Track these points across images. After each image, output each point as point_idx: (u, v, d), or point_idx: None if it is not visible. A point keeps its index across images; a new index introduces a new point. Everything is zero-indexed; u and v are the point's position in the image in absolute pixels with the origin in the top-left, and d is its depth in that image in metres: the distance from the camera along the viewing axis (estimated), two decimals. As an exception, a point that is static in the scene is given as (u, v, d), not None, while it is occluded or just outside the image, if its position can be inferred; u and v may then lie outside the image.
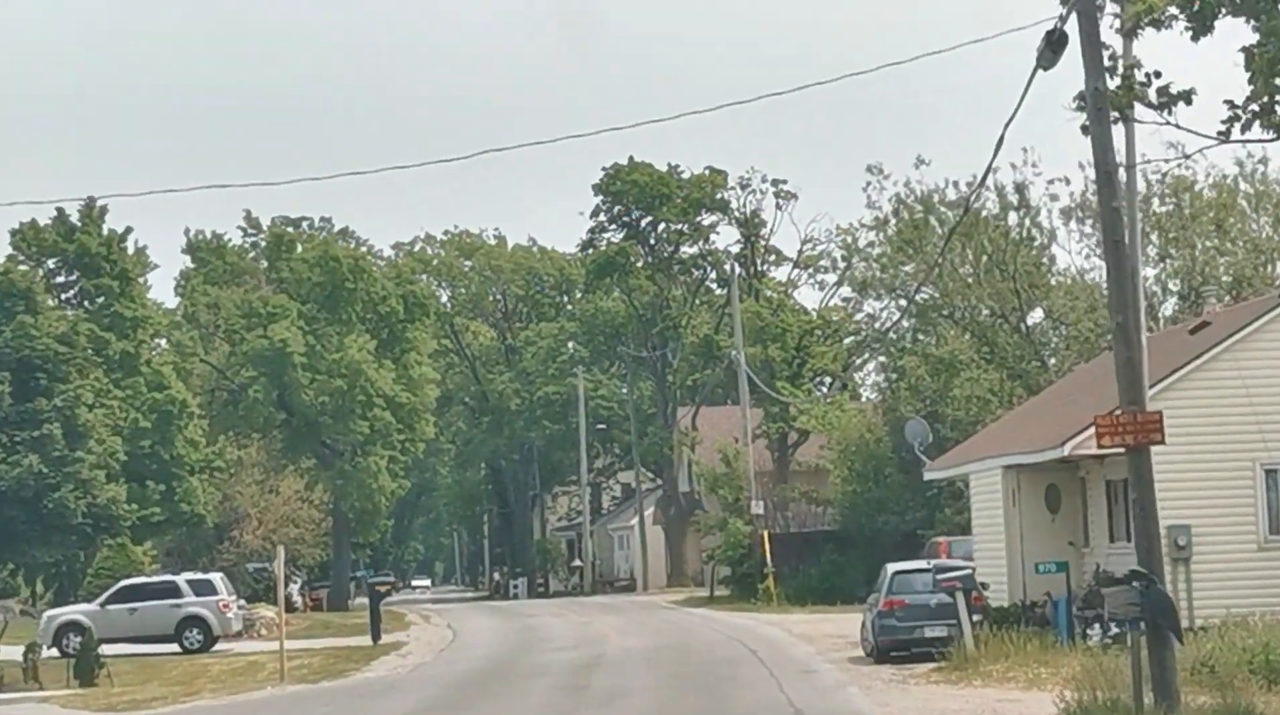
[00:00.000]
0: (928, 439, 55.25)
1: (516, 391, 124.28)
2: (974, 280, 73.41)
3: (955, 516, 68.21)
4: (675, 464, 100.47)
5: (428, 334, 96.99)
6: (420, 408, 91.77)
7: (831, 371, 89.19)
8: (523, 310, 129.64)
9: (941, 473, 49.21)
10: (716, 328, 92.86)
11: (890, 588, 40.21)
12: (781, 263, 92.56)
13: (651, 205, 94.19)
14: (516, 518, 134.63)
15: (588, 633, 57.19)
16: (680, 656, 44.77)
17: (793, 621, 57.98)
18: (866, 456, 71.87)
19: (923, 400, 70.82)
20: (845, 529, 72.57)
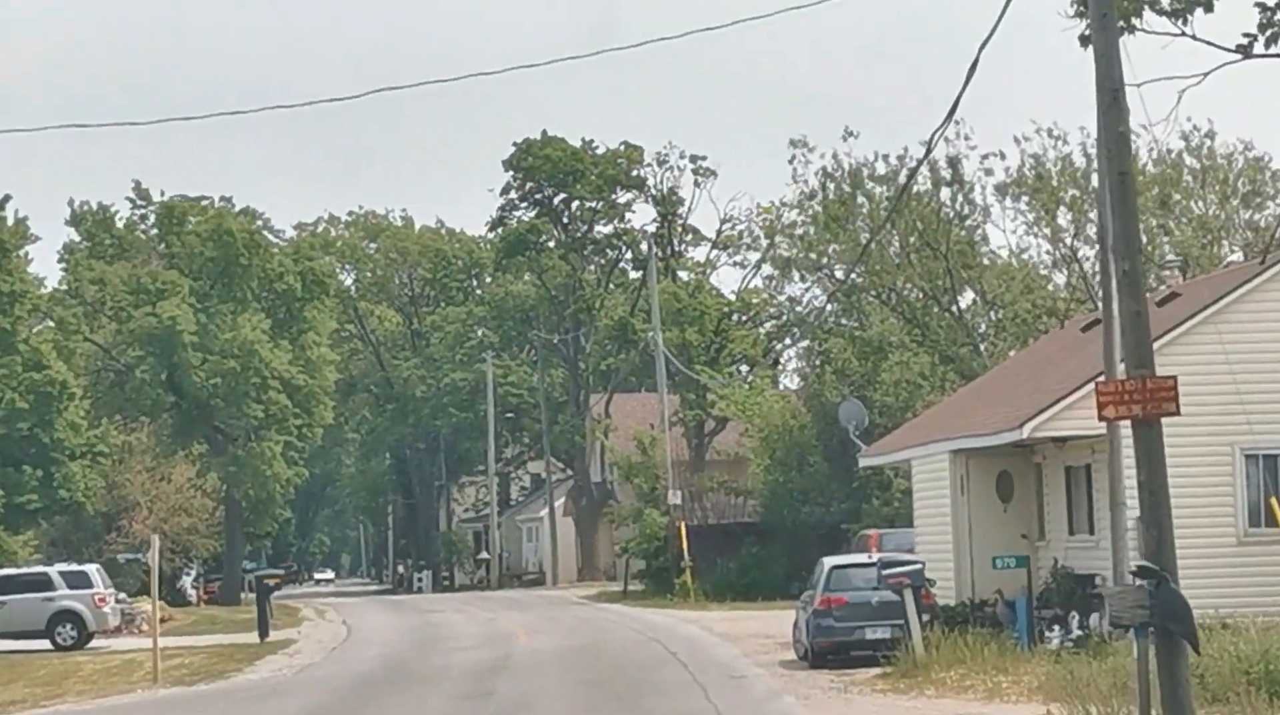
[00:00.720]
0: (864, 421, 51.15)
1: (422, 378, 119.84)
2: (903, 259, 69.73)
3: (883, 508, 64.60)
4: (587, 453, 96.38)
5: (327, 314, 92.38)
6: (318, 391, 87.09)
7: (751, 356, 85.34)
8: (430, 294, 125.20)
9: (879, 459, 45.32)
10: (632, 310, 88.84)
11: (828, 584, 36.27)
12: (700, 243, 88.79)
13: (564, 182, 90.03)
14: (422, 509, 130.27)
15: (493, 631, 53.08)
16: (594, 659, 40.72)
17: (712, 619, 54.04)
18: (789, 444, 68.00)
19: (850, 385, 67.05)
20: (766, 521, 68.70)
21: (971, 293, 69.82)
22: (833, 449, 68.04)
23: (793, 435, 67.88)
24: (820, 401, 67.65)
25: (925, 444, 40.31)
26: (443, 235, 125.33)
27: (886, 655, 33.20)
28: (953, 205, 69.17)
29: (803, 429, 68.14)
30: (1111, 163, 20.35)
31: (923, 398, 64.57)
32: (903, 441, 43.39)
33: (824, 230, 70.30)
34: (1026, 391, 38.27)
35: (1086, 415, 34.58)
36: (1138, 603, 20.16)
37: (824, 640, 35.79)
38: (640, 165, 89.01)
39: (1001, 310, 66.27)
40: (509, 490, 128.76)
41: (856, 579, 36.37)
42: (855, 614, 35.64)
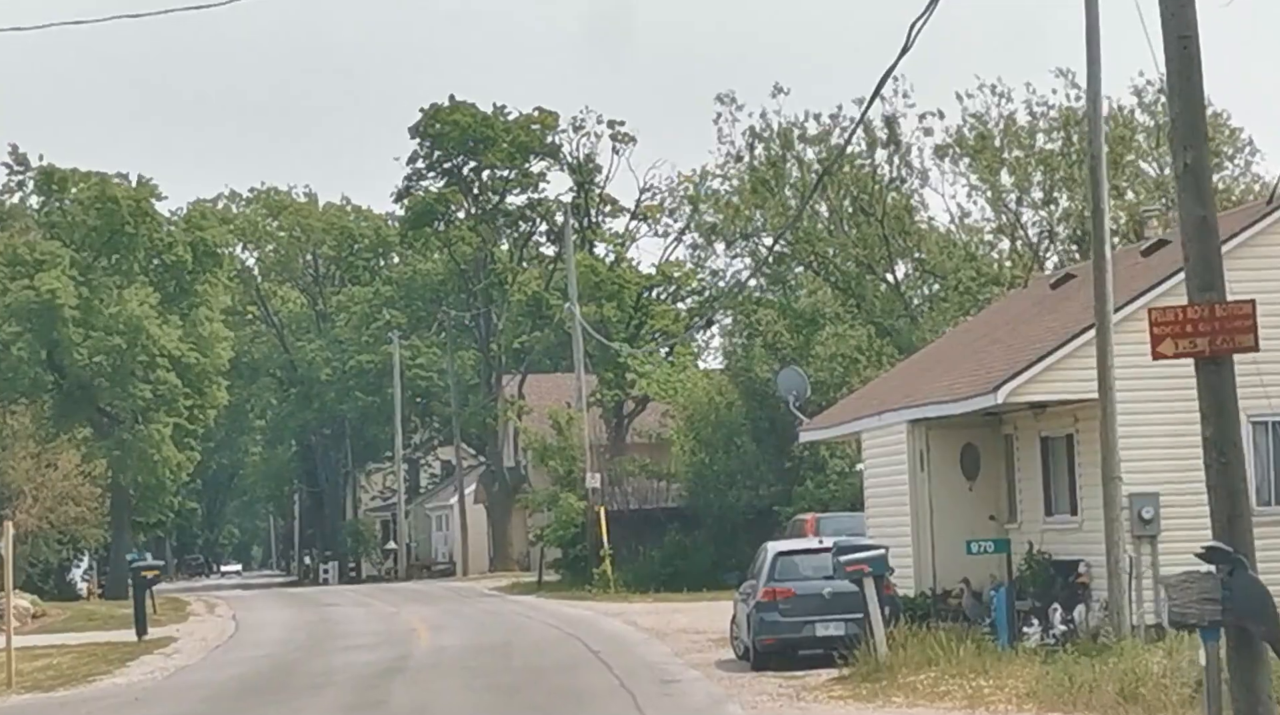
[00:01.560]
0: (805, 391, 46.11)
1: (327, 361, 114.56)
2: (835, 227, 65.25)
3: (818, 491, 60.21)
4: (500, 436, 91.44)
5: (220, 288, 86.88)
6: (211, 370, 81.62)
7: (673, 332, 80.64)
8: (335, 273, 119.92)
9: (821, 433, 40.60)
10: (547, 285, 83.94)
11: (772, 573, 31.59)
12: (618, 214, 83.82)
13: (474, 150, 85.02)
14: (328, 498, 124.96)
15: (394, 627, 48.18)
16: (505, 660, 35.91)
17: (636, 612, 49.33)
18: (716, 424, 63.35)
19: (780, 359, 62.47)
20: (691, 506, 64.06)
21: (908, 262, 65.37)
22: (762, 428, 63.54)
23: (719, 414, 63.25)
24: (749, 377, 63.10)
25: (879, 414, 35.68)
26: (348, 212, 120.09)
27: (843, 655, 28.56)
28: (890, 168, 64.76)
29: (730, 407, 63.54)
30: (1169, 25, 15.71)
31: (859, 373, 60.16)
32: (851, 412, 38.75)
33: (752, 195, 65.67)
34: (996, 354, 33.71)
35: (1072, 377, 30.08)
36: (1207, 595, 15.57)
37: (768, 638, 31.14)
38: (555, 131, 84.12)
39: (942, 279, 61.83)
40: (419, 478, 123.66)
41: (805, 567, 31.74)
42: (804, 607, 31.04)
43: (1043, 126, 62.86)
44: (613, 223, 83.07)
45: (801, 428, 42.34)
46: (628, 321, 78.60)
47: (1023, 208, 63.59)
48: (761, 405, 63.18)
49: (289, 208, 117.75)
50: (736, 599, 33.84)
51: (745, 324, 64.22)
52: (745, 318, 64.27)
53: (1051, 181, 62.21)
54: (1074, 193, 60.55)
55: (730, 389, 63.72)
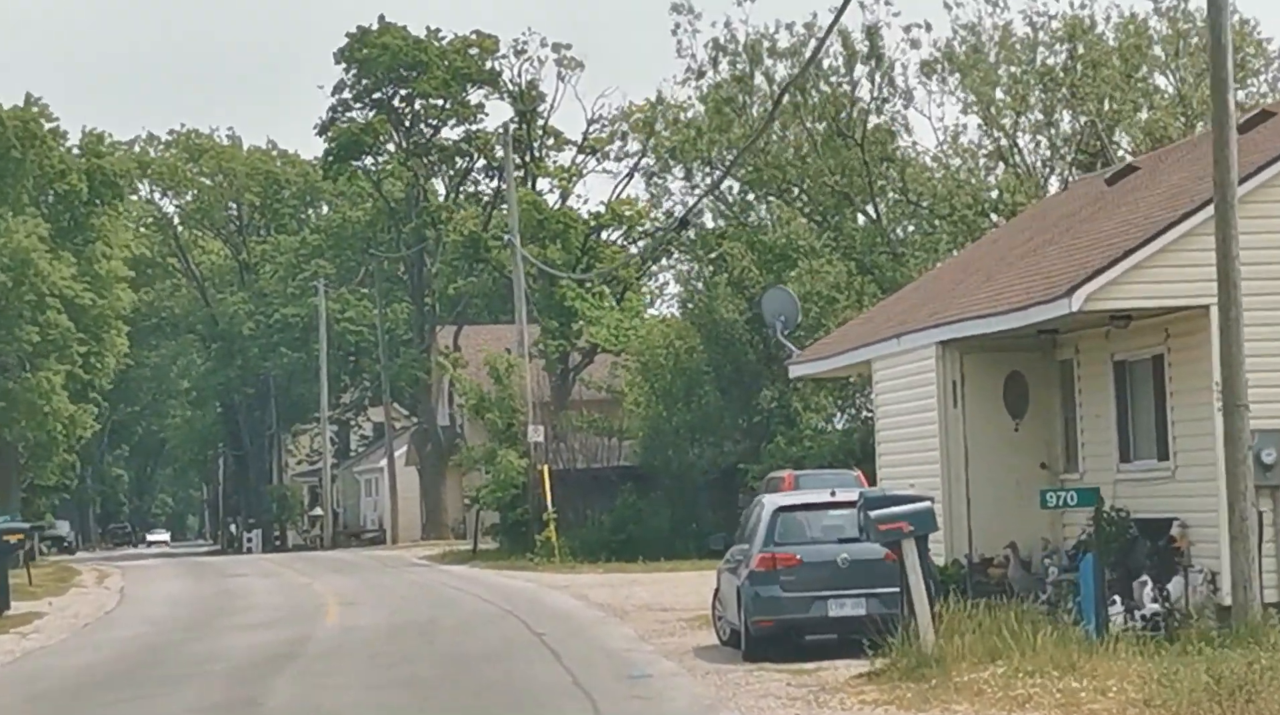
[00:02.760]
0: (795, 315, 38.18)
1: (250, 314, 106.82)
2: (810, 150, 57.99)
3: (789, 448, 53.07)
4: (433, 392, 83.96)
5: (122, 224, 78.79)
6: (110, 314, 73.59)
7: (624, 278, 73.32)
8: (259, 222, 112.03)
9: (818, 365, 33.19)
10: (486, 225, 76.39)
11: (771, 535, 24.36)
12: (563, 147, 76.20)
13: (405, 78, 77.43)
14: (252, 461, 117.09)
15: (301, 601, 40.78)
16: (426, 644, 28.60)
17: (586, 585, 42.10)
18: (675, 372, 56.08)
19: (748, 299, 55.26)
20: (646, 465, 56.79)
21: (891, 191, 58.14)
22: (727, 377, 56.40)
23: (678, 360, 55.96)
24: (712, 320, 55.81)
25: (898, 336, 28.42)
26: (274, 157, 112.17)
27: (873, 643, 21.38)
28: (871, 86, 57.57)
29: (690, 353, 56.25)
30: None
31: (836, 314, 53.04)
32: (856, 338, 31.43)
33: (715, 116, 58.32)
34: (1053, 256, 26.46)
35: (1168, 278, 22.98)
36: None
37: (766, 619, 23.95)
38: (494, 56, 76.45)
39: (930, 208, 54.66)
40: (349, 440, 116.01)
41: (814, 527, 24.55)
42: (813, 579, 23.90)
43: (1043, 39, 55.73)
44: (558, 157, 75.66)
45: (792, 360, 34.94)
46: (574, 265, 71.15)
47: (1020, 130, 56.52)
48: (726, 352, 56.04)
49: (210, 151, 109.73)
50: (721, 569, 26.60)
51: (707, 259, 56.83)
52: (707, 252, 56.88)
53: (1053, 100, 55.10)
54: (1079, 110, 53.51)
55: (690, 333, 56.42)
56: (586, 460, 58.39)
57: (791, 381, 55.27)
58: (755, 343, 55.63)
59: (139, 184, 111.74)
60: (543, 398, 62.74)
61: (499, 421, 56.82)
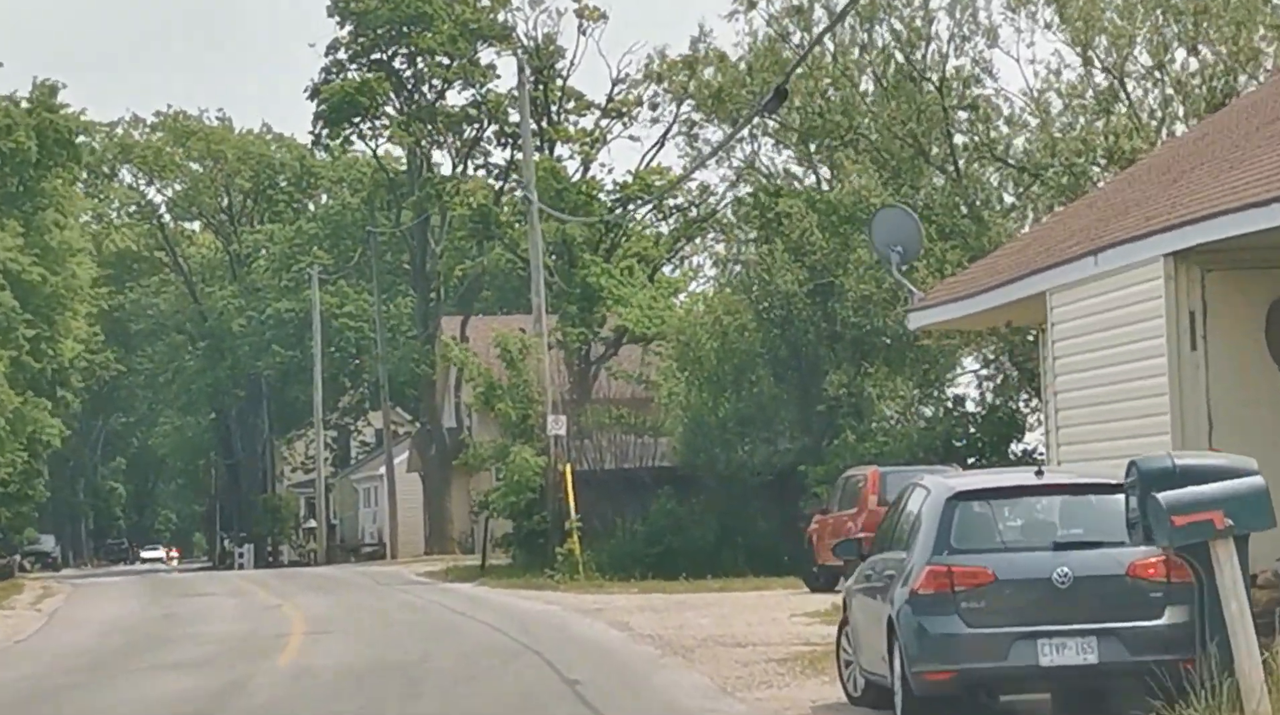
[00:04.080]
0: (917, 245, 28.23)
1: (240, 309, 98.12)
2: (879, 96, 49.28)
3: (859, 445, 44.31)
4: (438, 391, 75.03)
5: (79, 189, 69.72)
6: (64, 292, 64.58)
7: (653, 257, 64.58)
8: (251, 210, 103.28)
9: (953, 309, 23.91)
10: (498, 198, 67.51)
11: (946, 535, 15.40)
12: (585, 111, 67.25)
13: (407, 35, 68.63)
14: (244, 470, 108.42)
15: (260, 629, 31.84)
16: (407, 699, 19.67)
17: (624, 608, 33.20)
18: (722, 355, 47.09)
19: (808, 267, 46.40)
20: (687, 465, 47.75)
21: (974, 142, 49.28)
22: (784, 362, 47.42)
23: (727, 341, 46.94)
24: (767, 292, 46.87)
25: (1093, 254, 19.50)
26: (268, 141, 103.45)
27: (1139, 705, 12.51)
28: (951, 22, 48.91)
29: (741, 333, 47.28)
30: None
31: (916, 282, 44.18)
32: (1014, 266, 22.42)
33: (766, 54, 49.56)
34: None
35: None
36: None
37: (939, 668, 15.12)
38: (508, 8, 67.62)
39: (1036, 156, 45.83)
40: (349, 447, 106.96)
41: (1013, 524, 15.61)
42: (1014, 607, 15.10)
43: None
44: (579, 122, 66.64)
45: (913, 306, 25.72)
46: (597, 243, 62.34)
47: (1130, 70, 47.70)
48: (784, 331, 47.12)
49: (198, 133, 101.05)
50: (852, 590, 17.71)
51: (762, 220, 47.76)
52: (762, 212, 47.80)
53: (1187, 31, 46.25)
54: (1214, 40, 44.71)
55: (741, 308, 47.38)
56: (616, 460, 49.41)
57: (861, 366, 46.60)
58: (817, 319, 46.76)
59: (121, 170, 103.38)
60: (563, 390, 53.74)
61: (512, 413, 47.82)
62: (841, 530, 36.93)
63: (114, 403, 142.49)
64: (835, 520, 37.60)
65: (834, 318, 46.42)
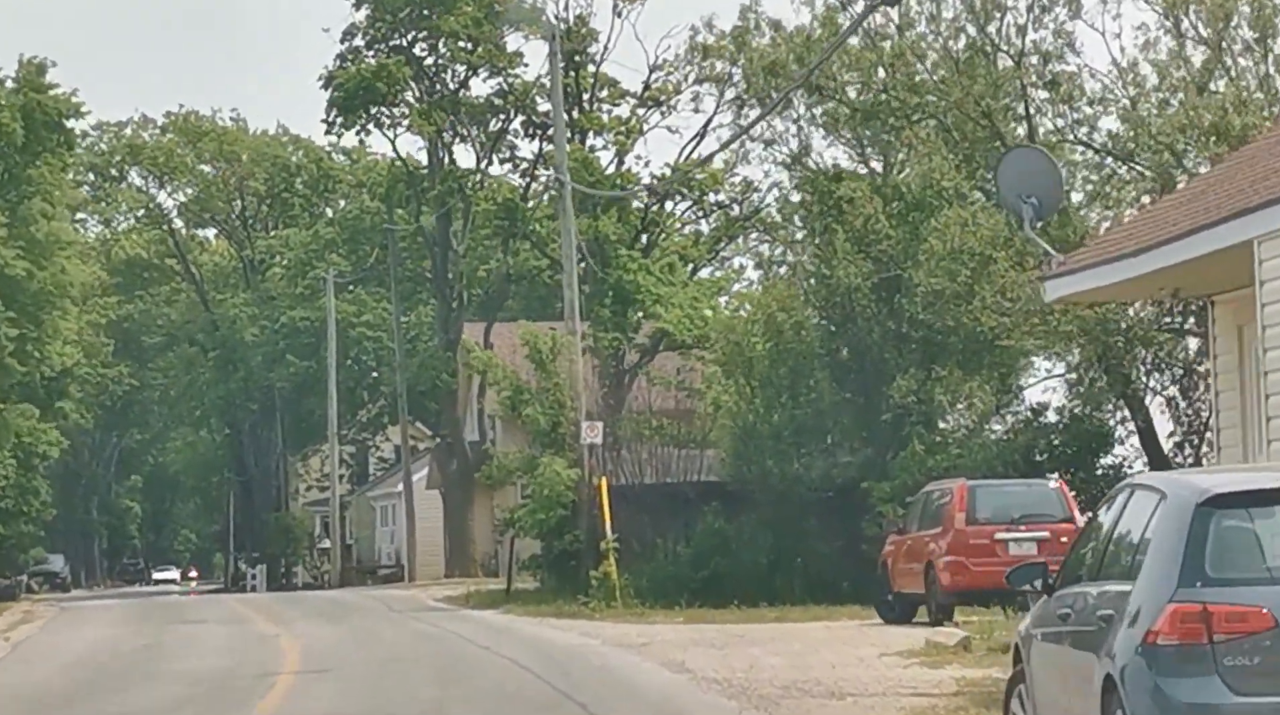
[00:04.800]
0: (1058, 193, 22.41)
1: (253, 318, 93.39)
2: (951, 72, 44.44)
3: (930, 456, 39.50)
4: (460, 401, 70.13)
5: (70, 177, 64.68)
6: (53, 290, 59.50)
7: (692, 257, 59.74)
8: (265, 214, 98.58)
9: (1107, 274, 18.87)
10: (525, 193, 62.68)
11: (1198, 560, 10.44)
12: (619, 100, 62.41)
13: (428, 18, 63.85)
14: (257, 487, 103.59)
15: (245, 666, 26.92)
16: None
17: (673, 642, 28.23)
18: (777, 357, 42.10)
19: (872, 259, 41.48)
20: (736, 479, 42.72)
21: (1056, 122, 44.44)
22: (844, 363, 42.50)
23: (782, 341, 41.97)
24: (828, 286, 41.95)
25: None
26: (283, 142, 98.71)
27: None
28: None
29: (797, 331, 42.32)
30: None
31: (992, 278, 39.43)
32: (1210, 210, 17.42)
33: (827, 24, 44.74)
34: None
35: None
36: None
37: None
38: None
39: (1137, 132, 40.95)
40: (367, 463, 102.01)
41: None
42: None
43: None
44: (615, 110, 61.68)
45: (1052, 272, 20.51)
46: (632, 239, 57.49)
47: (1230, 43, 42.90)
48: (845, 330, 42.21)
49: (210, 134, 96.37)
50: (1031, 633, 12.74)
51: (820, 207, 42.79)
52: (821, 198, 42.86)
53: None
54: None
55: (797, 305, 42.40)
56: (656, 473, 44.41)
57: (932, 370, 41.70)
58: (882, 317, 41.85)
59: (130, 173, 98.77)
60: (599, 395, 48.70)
61: (542, 420, 42.79)
62: (922, 553, 32.22)
63: (128, 418, 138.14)
64: (914, 542, 32.80)
65: (901, 315, 41.54)
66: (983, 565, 30.71)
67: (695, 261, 61.20)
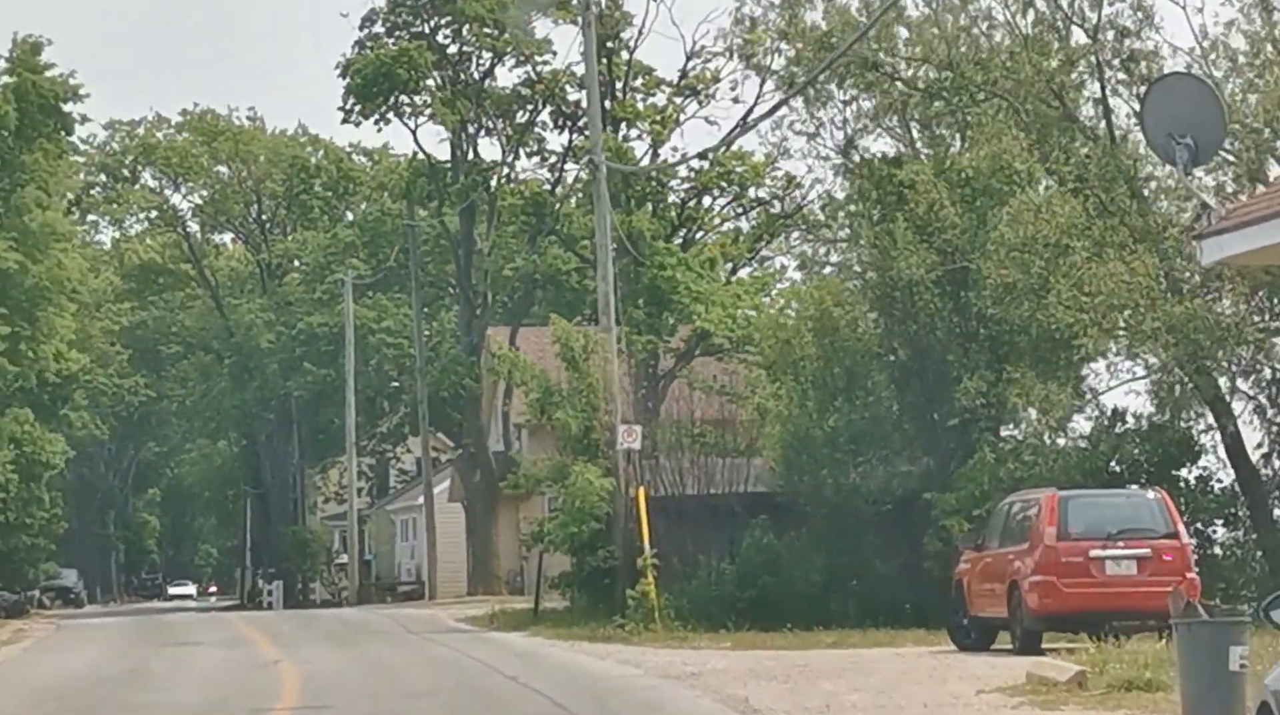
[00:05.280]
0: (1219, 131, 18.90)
1: (270, 324, 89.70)
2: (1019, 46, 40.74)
3: (1001, 465, 36.03)
4: (484, 408, 66.47)
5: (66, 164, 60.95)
6: (50, 285, 55.72)
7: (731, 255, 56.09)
8: (283, 217, 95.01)
9: None
10: (554, 187, 59.06)
11: None
12: (655, 89, 58.79)
13: (450, 3, 60.19)
14: (274, 500, 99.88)
15: (236, 696, 23.32)
16: None
17: (726, 673, 24.57)
18: (832, 355, 38.43)
19: (936, 250, 37.79)
20: (787, 490, 38.99)
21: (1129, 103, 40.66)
22: (903, 364, 38.85)
23: (837, 339, 38.29)
24: (887, 278, 38.28)
25: None
26: (302, 142, 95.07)
27: None
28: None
29: (853, 327, 38.66)
30: None
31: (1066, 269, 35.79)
32: None
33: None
34: None
35: None
36: None
37: None
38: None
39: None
40: (387, 476, 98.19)
41: None
42: None
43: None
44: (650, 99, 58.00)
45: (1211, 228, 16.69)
46: (668, 236, 53.83)
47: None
48: (905, 326, 38.58)
49: (226, 134, 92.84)
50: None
51: (879, 193, 39.03)
52: (879, 185, 39.12)
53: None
54: None
55: (854, 300, 38.68)
56: (698, 484, 40.68)
57: (1003, 370, 38.00)
58: (947, 312, 38.20)
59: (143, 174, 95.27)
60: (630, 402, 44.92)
61: (573, 423, 39.08)
62: (1005, 572, 28.50)
63: (145, 430, 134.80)
64: (995, 559, 29.09)
65: (968, 311, 37.88)
66: (1076, 586, 27.14)
67: (735, 261, 57.54)
